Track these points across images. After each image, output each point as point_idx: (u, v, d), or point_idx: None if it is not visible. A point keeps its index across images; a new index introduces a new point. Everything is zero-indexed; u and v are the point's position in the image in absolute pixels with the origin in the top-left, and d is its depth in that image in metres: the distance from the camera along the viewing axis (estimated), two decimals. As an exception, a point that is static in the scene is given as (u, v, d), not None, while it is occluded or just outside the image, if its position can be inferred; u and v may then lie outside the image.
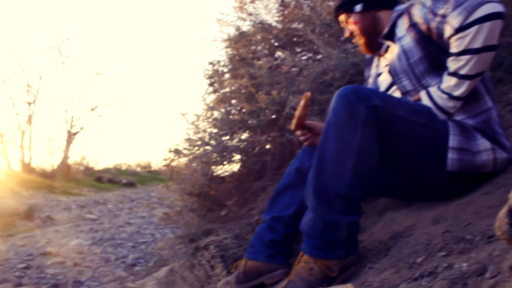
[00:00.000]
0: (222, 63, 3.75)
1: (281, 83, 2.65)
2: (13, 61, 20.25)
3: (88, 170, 20.72)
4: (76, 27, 21.51)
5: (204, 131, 2.83)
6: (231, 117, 2.79)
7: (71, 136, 20.61)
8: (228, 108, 2.84)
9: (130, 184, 19.20)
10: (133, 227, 7.88)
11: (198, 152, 2.61)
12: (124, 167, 25.42)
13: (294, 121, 1.83)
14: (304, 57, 3.07)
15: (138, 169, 25.81)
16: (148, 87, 24.00)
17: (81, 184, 17.54)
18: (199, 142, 2.62)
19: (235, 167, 2.79)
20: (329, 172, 1.51)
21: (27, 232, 8.01)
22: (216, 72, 3.73)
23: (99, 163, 22.70)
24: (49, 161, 20.30)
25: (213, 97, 3.56)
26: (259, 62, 2.77)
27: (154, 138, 32.95)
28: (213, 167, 2.62)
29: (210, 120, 3.01)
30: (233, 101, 2.95)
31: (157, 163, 27.77)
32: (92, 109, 21.36)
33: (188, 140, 2.72)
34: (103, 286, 3.65)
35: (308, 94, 1.75)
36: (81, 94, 21.46)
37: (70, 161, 20.49)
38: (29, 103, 20.23)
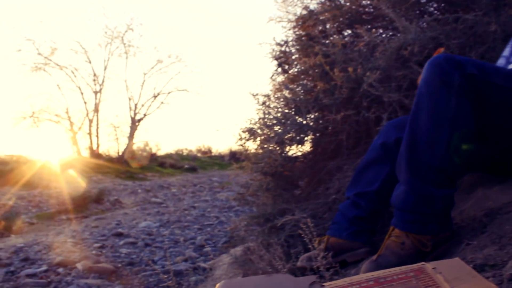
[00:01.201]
0: (290, 43, 3.71)
1: (356, 60, 2.58)
2: (80, 53, 20.94)
3: (151, 156, 21.34)
4: (137, 16, 21.98)
5: (277, 111, 2.81)
6: (303, 96, 2.75)
7: (135, 123, 21.26)
8: (300, 88, 2.80)
9: (192, 169, 19.61)
10: (198, 210, 8.03)
11: (272, 132, 2.59)
12: (185, 153, 26.00)
13: None
14: (378, 34, 2.97)
15: (199, 155, 26.33)
16: (210, 73, 24.34)
17: (145, 169, 18.09)
18: (274, 121, 2.60)
19: (309, 146, 2.76)
20: (422, 144, 1.45)
21: (99, 214, 8.37)
22: (284, 52, 3.69)
23: (162, 149, 23.30)
24: (115, 148, 21.10)
25: (282, 77, 3.53)
26: (332, 39, 2.70)
27: (214, 123, 33.45)
28: (287, 147, 2.60)
29: (281, 100, 2.98)
30: (305, 81, 2.90)
31: (217, 148, 28.28)
32: (155, 96, 21.92)
33: (261, 120, 2.71)
34: (176, 265, 3.74)
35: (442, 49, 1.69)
36: (144, 82, 21.97)
37: (135, 147, 21.18)
38: (96, 92, 21.03)
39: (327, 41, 3.02)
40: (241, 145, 2.68)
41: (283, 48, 3.73)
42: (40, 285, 3.44)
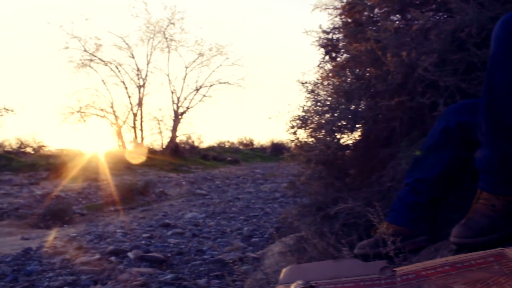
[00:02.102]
0: (337, 31, 3.65)
1: (408, 45, 2.50)
2: (124, 48, 21.39)
3: (194, 149, 21.61)
4: (178, 10, 22.21)
5: (325, 99, 2.76)
6: (354, 83, 2.70)
7: (178, 116, 21.56)
8: (351, 75, 2.75)
9: (235, 161, 19.73)
10: (242, 202, 8.07)
11: (323, 120, 2.55)
12: (227, 145, 26.20)
13: None
14: (431, 16, 2.87)
15: (241, 147, 26.47)
16: (252, 65, 24.38)
17: (188, 161, 18.33)
18: (326, 108, 2.56)
19: (361, 134, 2.70)
20: (502, 104, 1.38)
21: (145, 205, 8.54)
22: (330, 40, 3.64)
23: (204, 142, 23.56)
24: (158, 141, 21.49)
25: (330, 65, 3.48)
26: (382, 24, 2.63)
27: (256, 115, 33.48)
28: (339, 134, 2.55)
29: (331, 87, 2.94)
30: (355, 68, 2.84)
31: (259, 141, 28.34)
32: (197, 90, 22.15)
33: (312, 108, 2.68)
34: (225, 255, 3.77)
35: None
36: (186, 75, 22.23)
37: (178, 140, 21.49)
38: (139, 87, 21.45)
39: (374, 28, 2.95)
40: (292, 133, 2.65)
41: (329, 36, 3.67)
42: (94, 273, 3.54)
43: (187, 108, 22.05)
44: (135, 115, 21.35)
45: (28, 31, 34.33)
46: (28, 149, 19.85)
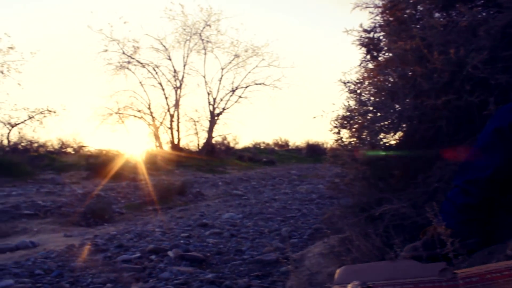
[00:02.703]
0: (378, 29, 3.59)
1: (456, 42, 2.44)
2: (161, 50, 21.71)
3: (229, 150, 21.72)
4: (214, 12, 22.36)
5: (369, 98, 2.72)
6: (398, 82, 2.65)
7: (214, 117, 21.72)
8: (395, 73, 2.69)
9: (270, 162, 19.72)
10: (279, 203, 8.04)
11: (366, 120, 2.51)
12: (262, 146, 26.23)
13: None
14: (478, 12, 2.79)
15: (276, 148, 26.44)
16: (288, 65, 24.25)
17: (224, 162, 18.43)
18: (370, 108, 2.52)
19: (405, 134, 2.64)
20: None
21: (182, 205, 8.62)
22: (371, 39, 3.58)
23: (240, 143, 23.66)
24: (195, 142, 21.71)
25: (371, 65, 3.43)
26: (426, 21, 2.57)
27: (291, 117, 33.39)
28: (383, 134, 2.51)
29: (373, 87, 2.89)
30: (398, 67, 2.79)
31: (294, 142, 28.25)
32: (233, 91, 22.26)
33: (355, 108, 2.64)
34: (265, 255, 3.76)
35: None
36: (222, 77, 22.38)
37: (214, 141, 21.67)
38: (176, 88, 21.72)
39: (417, 26, 2.89)
40: (336, 133, 2.62)
41: (370, 35, 3.62)
42: (135, 270, 3.58)
43: (223, 109, 22.20)
44: (172, 116, 21.63)
45: (69, 34, 35.27)
46: (69, 149, 20.39)
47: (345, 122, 2.60)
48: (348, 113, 2.61)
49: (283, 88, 22.74)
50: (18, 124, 17.77)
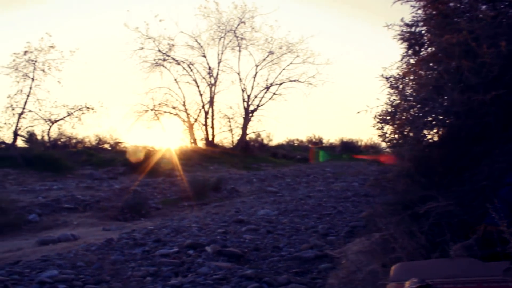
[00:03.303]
0: (420, 23, 3.51)
1: (506, 35, 2.35)
2: (196, 48, 21.89)
3: (263, 146, 21.74)
4: (248, 9, 22.36)
5: (412, 94, 2.66)
6: (443, 77, 2.57)
7: (248, 114, 21.77)
8: (439, 68, 2.62)
9: (304, 160, 19.64)
10: (314, 200, 7.98)
11: (410, 116, 2.45)
12: (296, 143, 26.15)
13: None
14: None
15: (310, 145, 26.32)
16: (322, 62, 24.05)
17: (258, 159, 18.46)
18: (413, 103, 2.46)
19: (451, 130, 2.57)
20: None
21: (217, 201, 8.67)
22: (413, 33, 3.50)
23: (273, 140, 23.64)
24: (229, 138, 21.83)
25: (413, 60, 3.36)
26: (478, 13, 2.49)
27: (325, 114, 33.13)
28: (427, 130, 2.44)
29: (415, 82, 2.82)
30: (443, 61, 2.71)
31: (328, 139, 28.04)
32: (267, 88, 22.26)
33: (396, 104, 2.58)
34: (303, 252, 3.73)
35: None
36: (256, 73, 22.40)
37: (248, 138, 21.72)
38: (211, 85, 21.87)
39: (463, 18, 2.80)
40: (379, 128, 2.57)
41: (412, 29, 3.54)
42: (174, 265, 3.62)
43: (257, 106, 22.21)
44: (206, 113, 21.79)
45: (106, 33, 35.98)
46: (106, 145, 20.79)
47: (388, 117, 2.54)
48: (391, 109, 2.55)
49: (317, 85, 22.57)
50: (58, 120, 18.19)
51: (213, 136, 21.76)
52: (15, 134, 16.57)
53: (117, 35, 40.96)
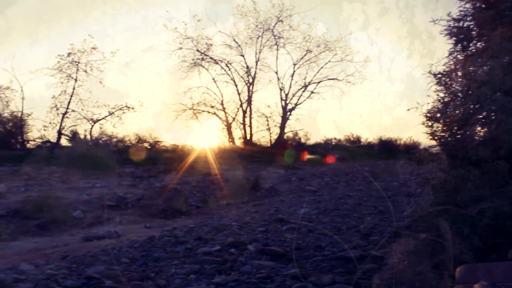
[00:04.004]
0: (468, 18, 3.41)
1: None
2: (234, 47, 22.01)
3: (301, 145, 21.64)
4: (285, 8, 22.31)
5: (462, 90, 2.57)
6: (494, 73, 2.48)
7: (286, 113, 21.75)
8: (492, 63, 2.53)
9: (343, 159, 19.43)
10: (354, 199, 7.89)
11: (460, 112, 2.37)
12: (333, 142, 25.89)
13: None
14: None
15: (347, 144, 26.02)
16: (361, 60, 23.72)
17: (296, 158, 18.38)
18: (463, 99, 2.38)
19: (503, 127, 2.47)
20: None
21: (256, 200, 8.68)
22: (461, 28, 3.40)
23: (311, 139, 23.52)
24: (267, 137, 21.87)
25: (461, 55, 3.26)
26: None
27: (363, 112, 32.65)
28: (479, 128, 2.36)
29: (465, 78, 2.73)
30: (496, 56, 2.61)
31: (366, 138, 27.62)
32: (305, 86, 22.17)
33: (446, 101, 2.50)
34: (346, 252, 3.67)
35: None
36: (294, 72, 22.34)
37: (285, 136, 21.71)
38: (249, 84, 21.94)
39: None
40: (429, 126, 2.50)
41: (460, 24, 3.44)
42: (217, 263, 3.63)
43: (295, 105, 22.17)
44: (244, 112, 21.90)
45: (146, 33, 36.54)
46: (145, 144, 21.16)
47: (438, 115, 2.47)
48: (441, 106, 2.48)
49: (356, 83, 22.34)
50: (99, 120, 18.70)
51: (251, 135, 21.85)
52: (59, 133, 17.11)
53: (156, 35, 41.55)
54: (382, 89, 36.90)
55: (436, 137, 2.49)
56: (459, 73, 2.87)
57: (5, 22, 27.29)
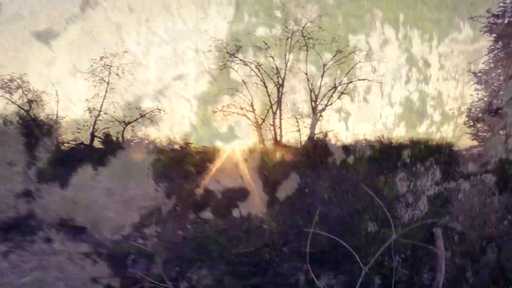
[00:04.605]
0: (509, 14, 3.26)
1: None
2: (263, 49, 21.95)
3: (332, 147, 21.41)
4: (315, 8, 22.10)
5: (504, 88, 2.44)
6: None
7: (316, 114, 21.55)
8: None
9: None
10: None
11: (502, 113, 2.25)
12: (364, 143, 25.50)
13: None
14: None
15: (378, 146, 25.58)
16: (391, 60, 23.29)
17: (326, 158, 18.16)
18: (505, 99, 2.26)
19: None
20: None
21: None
22: (501, 24, 3.26)
23: (341, 140, 23.20)
24: (297, 138, 21.70)
25: (500, 54, 3.12)
26: None
27: (395, 113, 32.10)
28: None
29: (508, 77, 2.60)
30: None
31: (397, 139, 27.11)
32: (335, 87, 21.90)
33: (489, 102, 2.38)
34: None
35: None
36: (324, 73, 22.13)
37: (316, 138, 21.48)
38: (278, 86, 21.82)
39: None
40: (471, 126, 2.38)
41: (500, 20, 3.30)
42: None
43: (325, 106, 21.91)
44: (274, 113, 21.76)
45: (175, 36, 36.79)
46: (176, 146, 21.27)
47: (480, 115, 2.34)
48: (484, 105, 2.36)
49: (387, 83, 21.98)
50: (131, 122, 18.96)
51: (281, 136, 21.69)
52: (92, 135, 17.45)
53: (185, 38, 41.84)
54: (414, 87, 36.14)
55: (478, 137, 2.37)
56: (499, 71, 2.74)
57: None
